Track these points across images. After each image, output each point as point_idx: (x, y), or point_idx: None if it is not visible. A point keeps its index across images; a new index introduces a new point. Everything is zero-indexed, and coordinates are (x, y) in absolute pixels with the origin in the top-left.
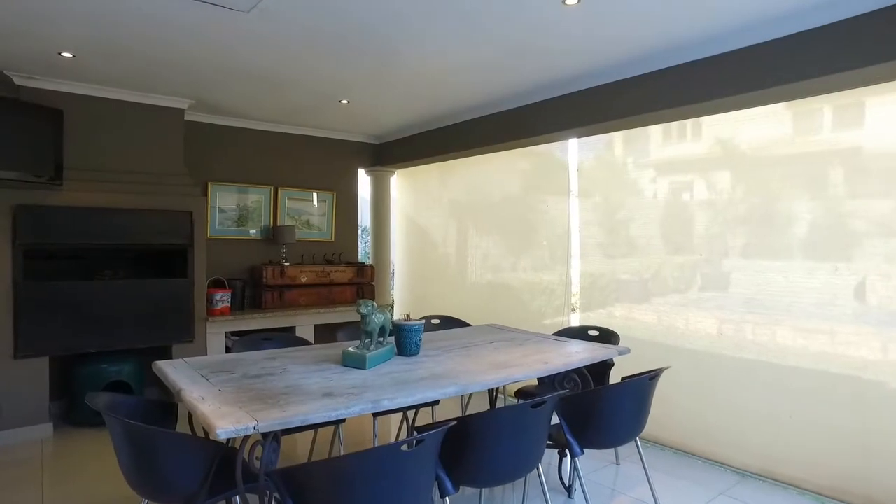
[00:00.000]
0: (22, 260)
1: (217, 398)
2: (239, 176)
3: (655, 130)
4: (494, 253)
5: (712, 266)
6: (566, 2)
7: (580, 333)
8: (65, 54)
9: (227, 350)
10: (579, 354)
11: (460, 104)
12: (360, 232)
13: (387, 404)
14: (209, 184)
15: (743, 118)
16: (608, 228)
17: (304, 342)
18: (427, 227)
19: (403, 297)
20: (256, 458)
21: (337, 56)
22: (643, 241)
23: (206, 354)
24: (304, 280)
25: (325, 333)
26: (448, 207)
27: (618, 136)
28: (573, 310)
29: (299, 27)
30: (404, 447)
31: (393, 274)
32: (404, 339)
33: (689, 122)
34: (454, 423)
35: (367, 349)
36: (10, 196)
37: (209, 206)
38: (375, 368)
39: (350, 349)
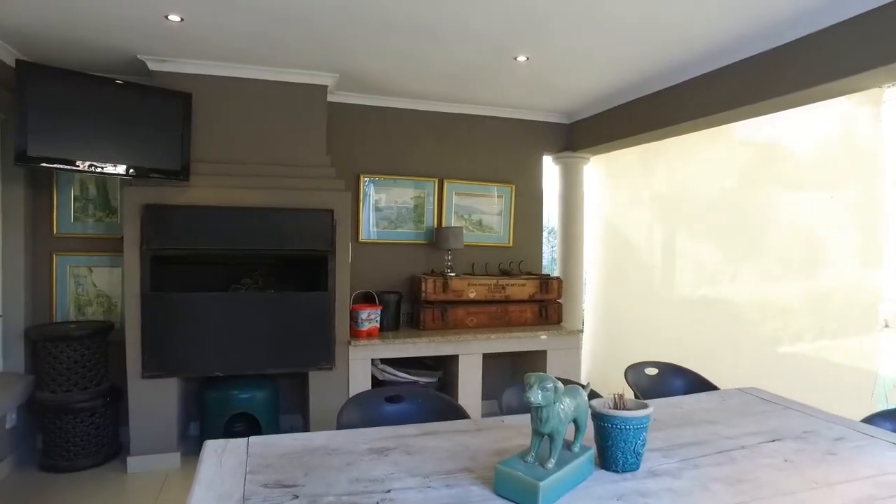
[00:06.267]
0: (150, 267)
1: None
2: (397, 167)
3: None
4: (710, 262)
5: None
6: None
7: None
8: (172, 17)
9: (374, 382)
10: None
11: (680, 56)
12: (545, 235)
13: None
14: (361, 177)
15: None
16: (864, 229)
17: (445, 407)
18: (625, 227)
19: (596, 314)
20: None
21: None
22: None
23: (349, 386)
24: (472, 295)
25: (498, 367)
26: (651, 204)
27: (857, 106)
28: (884, 330)
29: None
30: None
31: (585, 286)
32: (615, 443)
33: None
34: None
35: (544, 467)
36: (139, 195)
37: (361, 204)
38: None
39: (512, 468)
